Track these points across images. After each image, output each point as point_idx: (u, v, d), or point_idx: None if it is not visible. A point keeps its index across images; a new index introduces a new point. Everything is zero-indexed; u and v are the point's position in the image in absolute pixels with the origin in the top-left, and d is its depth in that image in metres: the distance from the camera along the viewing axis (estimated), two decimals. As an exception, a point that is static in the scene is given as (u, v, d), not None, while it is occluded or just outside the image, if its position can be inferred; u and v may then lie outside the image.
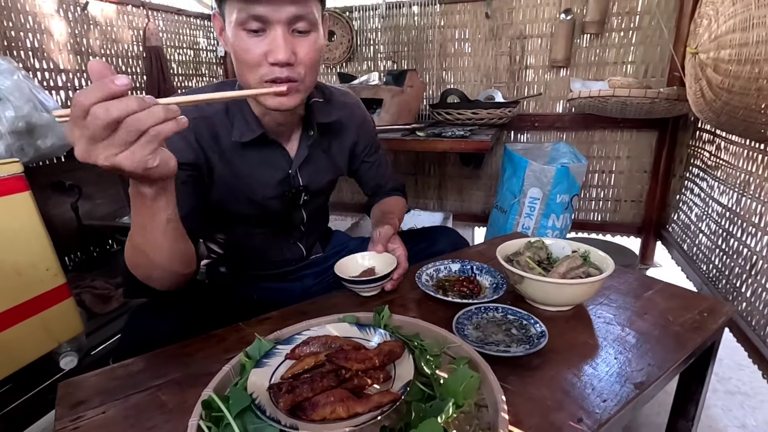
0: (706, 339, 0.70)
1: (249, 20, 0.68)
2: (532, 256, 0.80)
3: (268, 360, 0.59)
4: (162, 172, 0.50)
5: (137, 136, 0.44)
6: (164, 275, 0.68)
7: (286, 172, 0.89)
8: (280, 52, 0.69)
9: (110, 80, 0.42)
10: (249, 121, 0.82)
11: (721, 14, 1.03)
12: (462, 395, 0.49)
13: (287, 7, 0.68)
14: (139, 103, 0.44)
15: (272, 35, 0.69)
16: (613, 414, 0.53)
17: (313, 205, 0.98)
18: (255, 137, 0.81)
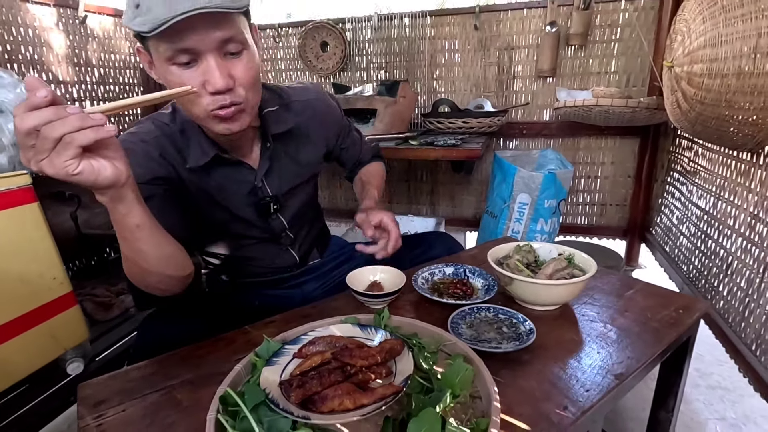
0: (682, 333, 0.76)
1: (177, 54, 0.65)
2: (521, 259, 0.86)
3: (278, 359, 0.63)
4: (96, 182, 0.52)
5: (53, 144, 0.46)
6: (160, 279, 0.71)
7: (252, 184, 0.89)
8: (218, 80, 0.67)
9: (33, 93, 0.46)
10: (202, 144, 0.81)
11: (693, 31, 1.10)
12: (458, 386, 0.54)
13: (213, 34, 0.65)
14: (54, 112, 0.46)
15: (205, 64, 0.67)
16: (595, 402, 0.58)
17: (291, 211, 0.98)
18: (209, 160, 0.82)
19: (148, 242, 0.64)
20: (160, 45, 0.65)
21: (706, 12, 1.06)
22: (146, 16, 0.61)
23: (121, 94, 1.95)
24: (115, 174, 0.53)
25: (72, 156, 0.48)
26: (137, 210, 0.60)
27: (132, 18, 0.63)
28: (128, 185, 0.57)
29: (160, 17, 0.60)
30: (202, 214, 0.88)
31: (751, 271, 1.17)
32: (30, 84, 0.47)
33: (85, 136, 0.47)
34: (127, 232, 0.62)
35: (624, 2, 1.90)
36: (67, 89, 1.71)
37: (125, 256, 0.67)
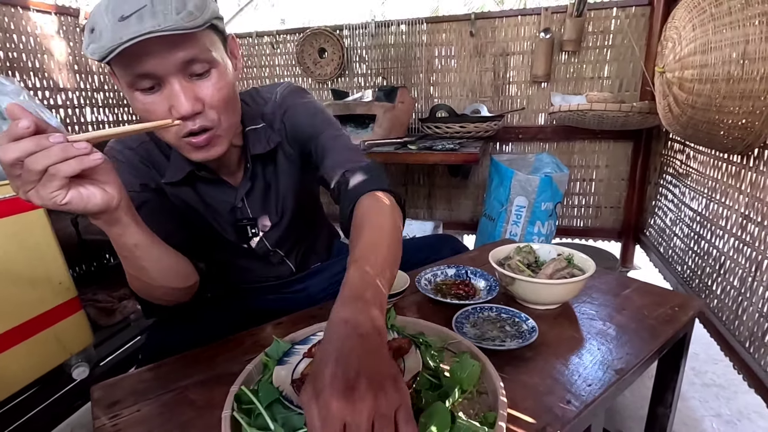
0: (678, 330, 0.78)
1: (138, 80, 0.61)
2: (522, 260, 0.88)
3: (288, 358, 0.65)
4: (86, 209, 0.51)
5: (38, 176, 0.45)
6: (165, 291, 0.71)
7: (232, 204, 0.86)
8: (183, 104, 0.62)
9: (15, 123, 0.44)
10: (179, 160, 0.78)
11: (684, 38, 1.14)
12: (467, 382, 0.56)
13: (173, 56, 0.60)
14: (37, 143, 0.44)
15: (168, 89, 0.62)
16: (597, 396, 0.61)
17: (277, 232, 0.92)
18: (184, 176, 0.79)
19: (148, 259, 0.64)
20: (121, 71, 0.62)
21: (696, 20, 1.10)
22: (98, 43, 0.58)
23: (120, 101, 1.96)
24: (105, 199, 0.52)
25: (58, 187, 0.47)
26: (133, 230, 0.60)
27: (87, 45, 0.60)
28: (121, 208, 0.56)
29: (107, 45, 0.56)
30: (189, 225, 0.86)
31: (744, 270, 1.20)
32: (11, 112, 0.44)
33: (69, 167, 0.46)
34: (126, 251, 0.62)
35: (616, 9, 1.95)
36: (68, 96, 1.72)
37: (128, 273, 0.67)
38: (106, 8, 0.58)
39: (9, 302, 0.92)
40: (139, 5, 0.57)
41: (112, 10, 0.57)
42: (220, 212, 0.87)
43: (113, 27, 0.56)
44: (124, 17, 0.56)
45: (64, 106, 1.70)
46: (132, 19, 0.56)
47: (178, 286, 0.71)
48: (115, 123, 1.94)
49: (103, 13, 0.58)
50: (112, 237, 0.59)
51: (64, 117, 1.71)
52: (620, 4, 1.93)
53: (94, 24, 0.59)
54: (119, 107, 1.96)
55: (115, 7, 0.58)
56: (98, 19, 0.58)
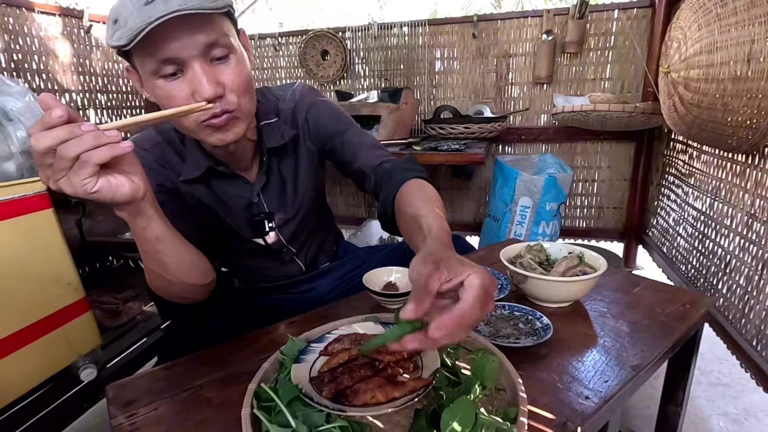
0: (690, 327, 0.79)
1: (161, 66, 0.63)
2: (533, 258, 0.88)
3: (305, 356, 0.65)
4: (114, 198, 0.52)
5: (70, 163, 0.46)
6: (183, 289, 0.71)
7: (248, 200, 0.87)
8: (205, 87, 0.63)
9: (48, 113, 0.45)
10: (197, 155, 0.80)
11: (689, 38, 1.15)
12: (488, 378, 0.56)
13: (194, 38, 0.62)
14: (69, 131, 0.45)
15: (191, 73, 0.64)
16: (615, 392, 0.61)
17: (291, 227, 0.94)
18: (201, 173, 0.80)
19: (169, 253, 0.64)
20: (143, 59, 0.63)
21: (702, 20, 1.11)
22: (123, 28, 0.59)
23: (123, 102, 1.96)
24: (132, 189, 0.53)
25: (89, 174, 0.47)
26: (156, 223, 0.60)
27: (111, 35, 0.61)
28: (146, 199, 0.57)
29: (135, 27, 0.58)
30: (204, 224, 0.86)
31: (750, 268, 1.20)
32: (44, 102, 0.46)
33: (101, 154, 0.47)
34: (148, 244, 0.62)
35: (617, 11, 1.96)
36: (72, 97, 1.72)
37: (147, 269, 0.67)
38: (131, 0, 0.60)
39: (18, 303, 0.92)
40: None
41: None
42: (236, 209, 0.87)
43: (139, 11, 0.58)
44: (149, 2, 0.58)
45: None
46: (157, 2, 0.58)
47: (196, 282, 0.72)
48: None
49: (126, 3, 0.60)
50: (136, 230, 0.60)
51: (69, 119, 1.71)
52: (621, 6, 1.95)
53: (117, 15, 0.61)
54: (123, 109, 1.96)
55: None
56: (121, 9, 0.60)
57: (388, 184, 0.80)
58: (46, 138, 0.45)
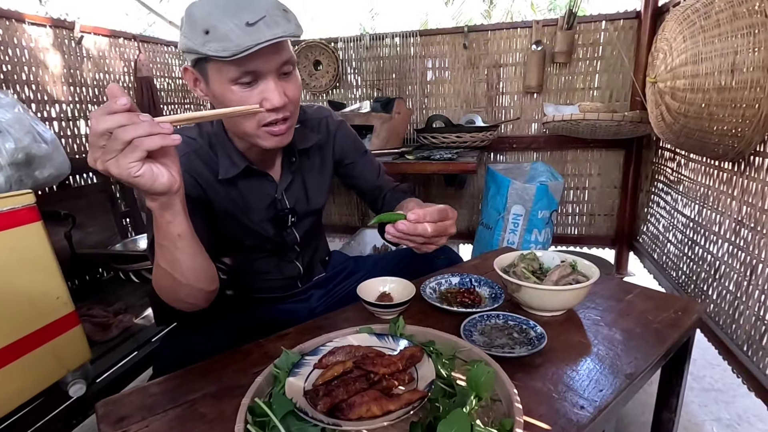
0: (682, 334, 0.79)
1: (243, 76, 0.71)
2: (527, 267, 0.89)
3: (299, 370, 0.64)
4: (153, 186, 0.55)
5: (123, 146, 0.50)
6: (190, 292, 0.71)
7: (273, 197, 0.93)
8: (277, 98, 0.73)
9: (113, 100, 0.50)
10: (232, 156, 0.86)
11: (675, 49, 1.18)
12: (483, 388, 0.56)
13: (276, 58, 0.72)
14: (128, 118, 0.50)
15: (264, 84, 0.73)
16: (610, 401, 0.61)
17: (304, 226, 1.01)
18: (239, 171, 0.86)
19: (186, 252, 0.66)
20: (228, 68, 0.70)
21: (686, 32, 1.13)
22: (223, 43, 0.67)
23: (115, 113, 1.95)
24: (170, 181, 0.57)
25: (137, 158, 0.51)
26: (181, 219, 0.63)
27: (203, 44, 0.68)
28: (179, 194, 0.60)
29: (242, 45, 0.66)
30: (219, 229, 0.90)
31: (739, 274, 1.22)
32: (112, 91, 0.51)
33: (153, 141, 0.51)
34: (168, 240, 0.64)
35: (605, 22, 2.01)
36: (62, 108, 1.70)
37: (159, 267, 0.68)
38: (224, 14, 0.68)
39: (6, 317, 0.90)
40: (259, 15, 0.68)
41: (233, 16, 0.67)
42: (259, 206, 0.93)
43: (243, 31, 0.67)
44: (250, 23, 0.67)
45: (58, 119, 1.69)
46: (261, 26, 0.67)
47: (203, 288, 0.72)
48: (109, 135, 1.93)
49: (222, 17, 0.67)
50: (161, 223, 0.62)
51: (58, 130, 1.69)
52: (609, 18, 1.99)
53: (208, 26, 0.68)
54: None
55: (234, 14, 0.67)
56: (215, 22, 0.68)
57: (392, 201, 1.06)
58: (107, 120, 0.50)
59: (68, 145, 1.74)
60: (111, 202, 1.85)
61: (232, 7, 0.68)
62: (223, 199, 0.88)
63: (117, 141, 0.50)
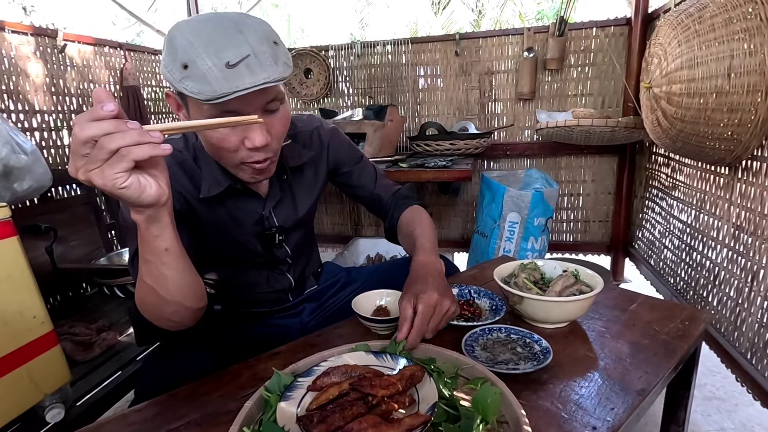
0: (691, 345, 0.76)
1: (223, 115, 0.66)
2: (528, 277, 0.85)
3: (291, 393, 0.60)
4: (139, 198, 0.52)
5: (108, 155, 0.47)
6: (176, 310, 0.67)
7: (260, 214, 0.89)
8: (259, 138, 0.69)
9: (99, 106, 0.47)
10: (215, 174, 0.82)
11: (669, 54, 1.17)
12: (490, 411, 0.52)
13: (259, 99, 0.67)
14: (115, 125, 0.47)
15: None
16: (623, 420, 0.57)
17: (295, 239, 0.98)
18: (222, 190, 0.82)
19: (173, 267, 0.62)
20: (206, 106, 0.65)
21: (681, 36, 1.12)
22: (200, 84, 0.62)
23: (100, 123, 1.89)
24: (158, 193, 0.53)
25: (123, 169, 0.48)
26: (169, 232, 0.60)
27: (179, 78, 0.63)
28: (167, 206, 0.57)
29: (219, 90, 0.61)
30: (206, 243, 0.86)
31: (739, 280, 1.20)
32: (98, 96, 0.47)
33: (141, 151, 0.48)
34: (154, 255, 0.60)
35: (595, 29, 2.01)
36: (44, 118, 1.65)
37: (143, 283, 0.64)
38: (205, 49, 0.62)
39: (-23, 340, 0.84)
40: (242, 54, 0.62)
41: (214, 53, 0.62)
42: (247, 223, 0.89)
43: (223, 74, 0.61)
44: (231, 64, 0.62)
45: (39, 129, 1.63)
46: (241, 69, 0.62)
47: (191, 305, 0.68)
48: (93, 146, 1.87)
49: (201, 54, 0.62)
50: (148, 238, 0.59)
51: (40, 140, 1.64)
52: (599, 24, 2.00)
53: (186, 60, 0.62)
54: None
55: (215, 51, 0.62)
56: (194, 57, 0.62)
57: (394, 209, 1.03)
58: (92, 127, 0.46)
59: (50, 156, 1.68)
60: (95, 214, 1.79)
61: (216, 40, 0.62)
62: (209, 214, 0.85)
63: (102, 150, 0.46)
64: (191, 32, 0.63)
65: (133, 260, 0.75)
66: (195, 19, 0.66)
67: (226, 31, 0.63)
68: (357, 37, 9.45)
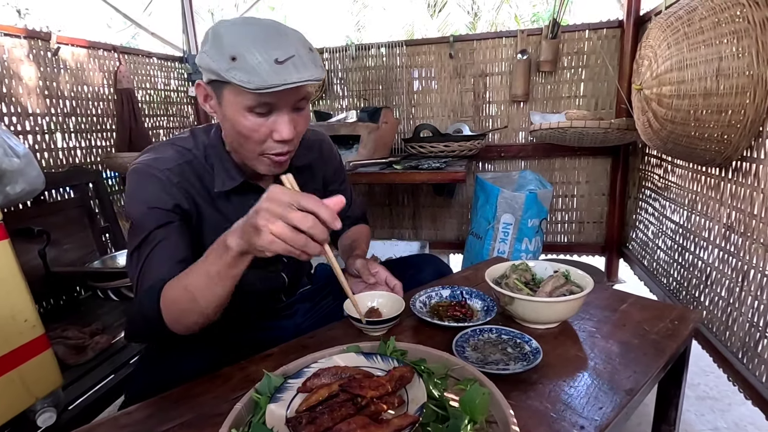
0: (680, 345, 0.77)
1: (259, 106, 0.72)
2: (519, 278, 0.86)
3: (281, 395, 0.60)
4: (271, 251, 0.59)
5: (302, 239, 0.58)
6: (199, 320, 0.71)
7: None
8: (287, 132, 0.75)
9: (332, 213, 0.58)
10: (229, 170, 0.85)
11: (659, 56, 1.18)
12: (478, 412, 0.52)
13: (295, 95, 0.74)
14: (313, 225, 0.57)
15: (278, 116, 0.75)
16: (611, 419, 0.58)
17: None
18: (236, 185, 0.85)
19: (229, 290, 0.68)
20: (247, 95, 0.70)
21: (671, 38, 1.13)
22: (250, 75, 0.67)
23: (94, 126, 1.89)
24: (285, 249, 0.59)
25: None
26: (245, 266, 0.65)
27: (227, 69, 0.68)
28: None
29: (269, 82, 0.67)
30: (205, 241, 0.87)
31: (731, 280, 1.21)
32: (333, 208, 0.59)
33: None
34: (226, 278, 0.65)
35: (588, 31, 2.03)
36: (37, 121, 1.64)
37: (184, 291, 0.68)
38: (254, 46, 0.68)
39: (-32, 344, 0.84)
40: (288, 53, 0.69)
41: (264, 50, 0.68)
42: None
43: (273, 68, 0.67)
44: (279, 61, 0.68)
45: (32, 132, 1.62)
46: (289, 66, 0.68)
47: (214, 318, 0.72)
48: (88, 149, 1.86)
49: (251, 49, 0.68)
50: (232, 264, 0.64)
51: (33, 143, 1.63)
52: (592, 27, 2.01)
53: (235, 53, 0.68)
54: (93, 132, 1.88)
55: (264, 48, 0.68)
56: (243, 51, 0.68)
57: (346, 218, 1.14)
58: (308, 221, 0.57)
59: (43, 159, 1.68)
60: (89, 217, 1.78)
61: (262, 39, 0.69)
62: (213, 212, 0.86)
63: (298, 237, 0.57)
64: (238, 30, 0.70)
65: (132, 255, 0.78)
66: (238, 20, 0.73)
67: (270, 33, 0.70)
68: (353, 39, 9.47)
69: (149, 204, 0.77)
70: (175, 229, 0.78)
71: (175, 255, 0.76)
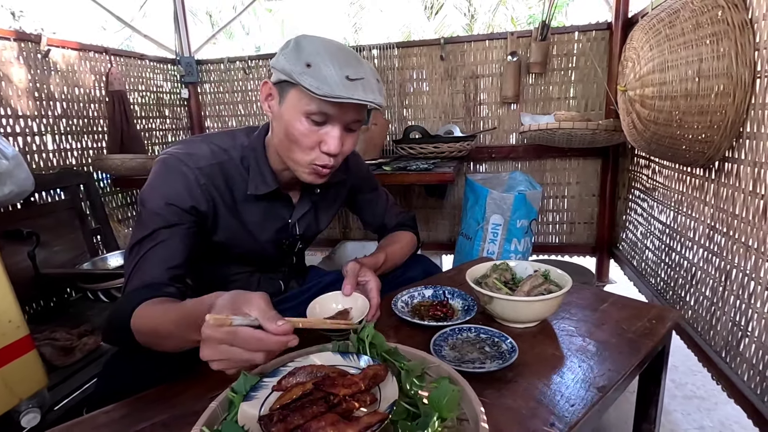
0: (657, 343, 0.78)
1: (319, 115, 0.76)
2: (498, 278, 0.87)
3: (256, 393, 0.60)
4: None
5: None
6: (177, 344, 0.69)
7: (286, 222, 0.96)
8: (334, 146, 0.78)
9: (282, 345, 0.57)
10: (265, 175, 0.88)
11: (642, 58, 1.19)
12: (446, 409, 0.53)
13: (352, 114, 0.78)
14: None
15: (330, 128, 0.78)
16: (581, 417, 0.58)
17: (303, 249, 1.06)
18: (269, 191, 0.88)
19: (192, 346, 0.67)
20: (310, 101, 0.74)
21: (653, 40, 1.15)
22: (320, 83, 0.71)
23: (85, 128, 1.89)
24: None
25: None
26: None
27: (300, 73, 0.72)
28: None
29: (336, 92, 0.71)
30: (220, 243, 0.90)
31: (714, 280, 1.22)
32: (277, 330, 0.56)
33: None
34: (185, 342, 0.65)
35: (577, 33, 2.04)
36: (28, 123, 1.65)
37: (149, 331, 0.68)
38: (330, 60, 0.72)
39: (-50, 345, 0.84)
40: (359, 75, 0.74)
41: (338, 66, 0.72)
42: (271, 229, 0.95)
43: (342, 83, 0.72)
44: (350, 79, 0.72)
45: (22, 134, 1.63)
46: (358, 85, 0.73)
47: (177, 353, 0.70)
48: (79, 151, 1.87)
49: (326, 61, 0.72)
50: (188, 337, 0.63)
51: (23, 145, 1.64)
52: (581, 29, 2.03)
53: (311, 61, 0.72)
54: (84, 134, 1.89)
55: (339, 65, 0.72)
56: (319, 62, 0.72)
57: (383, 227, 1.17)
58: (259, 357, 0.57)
59: (33, 161, 1.68)
60: (79, 219, 1.79)
61: (339, 57, 0.73)
62: (231, 218, 0.88)
63: None
64: (319, 44, 0.75)
65: (133, 247, 0.78)
66: (321, 38, 0.78)
67: (347, 54, 0.76)
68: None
69: (168, 199, 0.78)
70: (181, 231, 0.79)
71: (171, 260, 0.77)
